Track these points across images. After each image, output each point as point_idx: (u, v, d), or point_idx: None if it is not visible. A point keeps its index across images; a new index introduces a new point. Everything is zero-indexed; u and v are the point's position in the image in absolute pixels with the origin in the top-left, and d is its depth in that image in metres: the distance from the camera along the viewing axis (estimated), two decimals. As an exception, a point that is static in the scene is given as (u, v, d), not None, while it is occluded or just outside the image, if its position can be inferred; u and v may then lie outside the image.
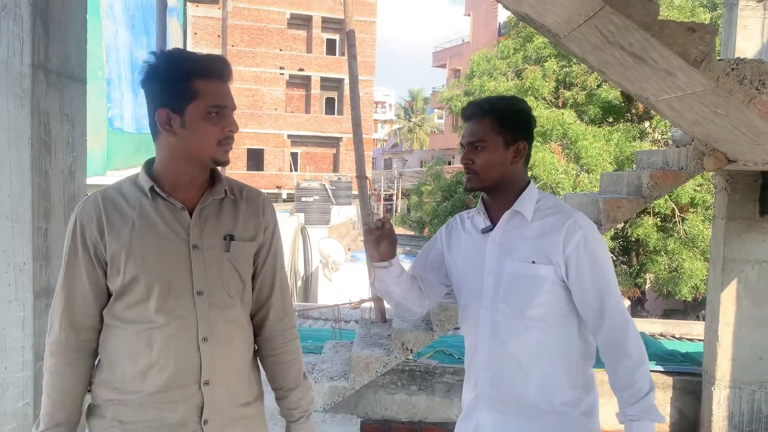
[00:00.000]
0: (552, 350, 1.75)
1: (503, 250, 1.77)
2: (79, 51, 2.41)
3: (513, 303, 1.74)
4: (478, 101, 1.83)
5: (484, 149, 1.76)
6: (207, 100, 1.45)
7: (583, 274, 1.70)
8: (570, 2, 2.80)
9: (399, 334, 4.09)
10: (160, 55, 1.49)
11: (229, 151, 1.54)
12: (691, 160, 3.86)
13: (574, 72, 13.60)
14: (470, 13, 39.28)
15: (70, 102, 2.33)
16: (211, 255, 1.53)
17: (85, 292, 1.50)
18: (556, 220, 1.73)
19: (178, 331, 1.49)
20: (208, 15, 32.12)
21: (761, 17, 4.24)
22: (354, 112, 4.98)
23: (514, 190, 1.80)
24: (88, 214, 1.49)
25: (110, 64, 11.31)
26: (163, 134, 1.48)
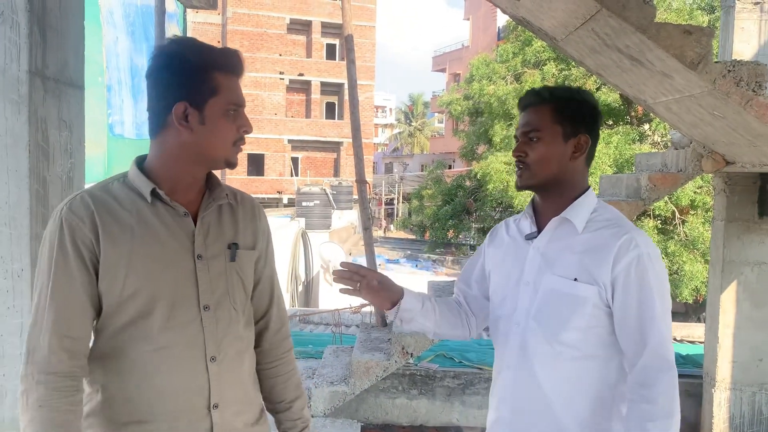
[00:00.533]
0: (585, 385, 1.52)
1: (545, 261, 1.56)
2: (77, 57, 2.42)
3: (546, 323, 1.53)
4: (538, 88, 1.61)
5: (540, 140, 1.54)
6: (227, 97, 1.33)
7: (630, 300, 1.47)
8: (566, 5, 2.81)
9: (399, 338, 4.09)
10: (181, 42, 1.35)
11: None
12: (689, 162, 3.86)
13: (573, 75, 13.62)
14: (469, 17, 39.38)
15: (68, 108, 2.33)
16: (216, 265, 1.40)
17: (82, 308, 1.30)
18: (610, 235, 1.50)
19: (184, 352, 1.35)
20: (207, 21, 32.24)
21: (758, 19, 4.25)
22: (353, 117, 5.00)
23: (569, 194, 1.57)
24: (78, 216, 1.30)
25: (110, 70, 11.34)
26: (172, 130, 1.33)
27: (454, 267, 21.56)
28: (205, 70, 1.32)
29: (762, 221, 4.56)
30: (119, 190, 1.36)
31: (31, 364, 1.28)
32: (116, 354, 1.33)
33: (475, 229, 19.05)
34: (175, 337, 1.34)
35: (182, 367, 1.35)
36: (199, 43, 1.36)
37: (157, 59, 1.33)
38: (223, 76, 1.33)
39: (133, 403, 1.33)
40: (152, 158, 1.38)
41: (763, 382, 4.62)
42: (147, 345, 1.33)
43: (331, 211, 20.64)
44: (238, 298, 1.44)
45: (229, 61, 1.35)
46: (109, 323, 1.33)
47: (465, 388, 4.94)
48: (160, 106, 1.33)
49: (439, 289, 4.69)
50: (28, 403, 1.27)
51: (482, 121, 16.34)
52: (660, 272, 1.50)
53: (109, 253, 1.30)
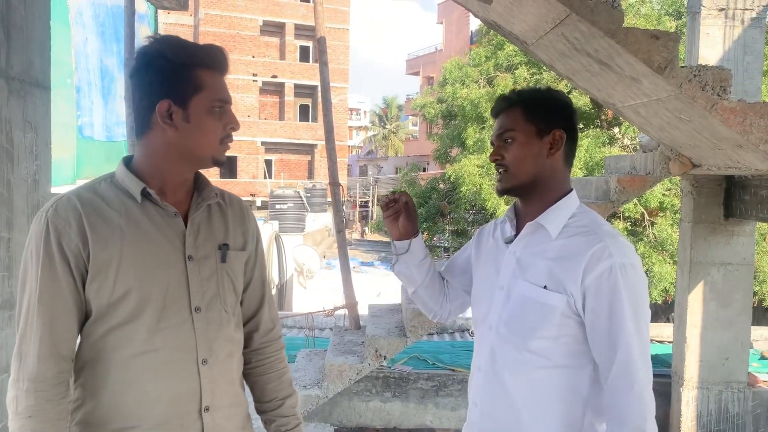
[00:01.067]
0: (554, 395, 1.48)
1: (519, 266, 1.54)
2: (43, 58, 2.37)
3: (515, 329, 1.51)
4: (507, 94, 1.60)
5: (515, 141, 1.53)
6: (211, 93, 1.32)
7: (600, 311, 1.41)
8: (536, 10, 2.84)
9: (373, 341, 4.09)
10: (163, 40, 1.32)
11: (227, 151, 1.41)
12: (657, 165, 3.93)
13: (544, 79, 13.77)
14: (443, 21, 39.59)
15: (33, 109, 2.28)
16: (207, 266, 1.38)
17: (69, 313, 1.28)
18: (583, 243, 1.45)
19: (175, 354, 1.33)
20: (179, 22, 31.88)
21: (722, 25, 4.35)
22: (326, 119, 4.98)
23: (550, 197, 1.54)
24: (64, 219, 1.27)
25: (80, 71, 11.16)
26: (157, 129, 1.31)
27: (428, 269, 21.61)
28: (188, 68, 1.30)
29: (727, 223, 4.66)
30: (107, 190, 1.34)
31: (20, 371, 1.25)
32: (104, 358, 1.31)
33: (449, 231, 19.14)
34: (166, 339, 1.32)
35: (173, 370, 1.33)
36: (182, 40, 1.34)
37: (140, 58, 1.32)
38: (207, 73, 1.32)
39: (121, 408, 1.31)
40: (139, 158, 1.37)
41: (729, 381, 4.72)
42: (137, 348, 1.30)
43: (305, 213, 20.56)
44: (228, 300, 1.43)
45: (213, 58, 1.33)
46: (98, 326, 1.31)
47: (438, 390, 4.96)
48: (144, 105, 1.32)
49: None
50: (17, 410, 1.25)
51: (455, 124, 16.43)
52: (635, 283, 1.42)
53: (99, 255, 1.27)
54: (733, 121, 2.83)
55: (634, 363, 1.39)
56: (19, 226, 2.20)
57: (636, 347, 1.40)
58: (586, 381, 1.48)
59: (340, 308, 5.30)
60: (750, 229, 4.71)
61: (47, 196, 2.42)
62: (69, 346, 1.29)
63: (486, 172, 13.94)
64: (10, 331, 2.15)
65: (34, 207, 2.30)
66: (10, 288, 2.16)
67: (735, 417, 4.74)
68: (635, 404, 1.38)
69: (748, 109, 2.82)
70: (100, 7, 11.23)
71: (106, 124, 11.57)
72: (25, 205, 2.24)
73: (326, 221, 24.36)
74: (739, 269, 4.67)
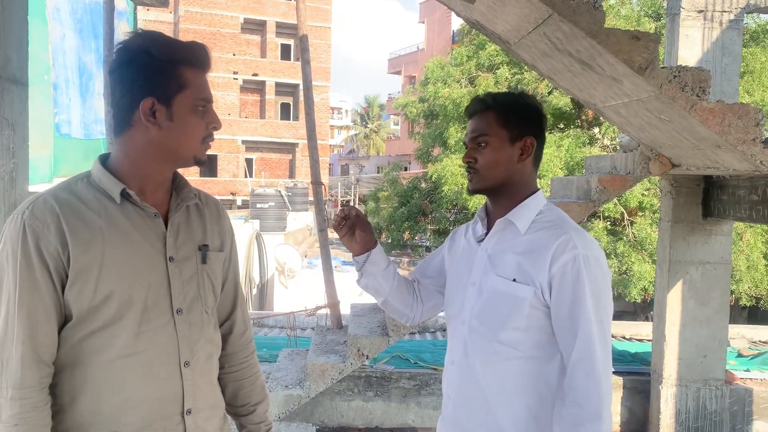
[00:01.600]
0: (524, 385, 1.54)
1: (491, 262, 1.60)
2: (20, 54, 2.32)
3: (487, 321, 1.57)
4: (482, 96, 1.65)
5: (488, 145, 1.59)
6: (195, 92, 1.29)
7: (563, 300, 1.48)
8: (519, 10, 2.85)
9: (355, 341, 4.08)
10: (146, 36, 1.29)
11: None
12: (637, 164, 3.97)
13: (525, 79, 13.85)
14: (424, 20, 39.68)
15: (10, 106, 2.24)
16: (188, 268, 1.36)
17: (49, 318, 1.24)
18: (549, 236, 1.53)
19: (158, 357, 1.31)
20: (159, 19, 31.58)
21: (701, 27, 4.40)
22: (308, 118, 4.96)
23: (518, 196, 1.61)
24: (41, 221, 1.23)
25: (57, 68, 11.02)
26: (139, 127, 1.28)
27: (410, 268, 21.65)
28: (173, 65, 1.28)
29: (706, 222, 4.73)
30: (84, 190, 1.30)
31: (2, 379, 1.22)
32: (84, 362, 1.28)
33: (430, 230, 19.17)
34: (148, 342, 1.30)
35: (155, 373, 1.31)
36: (165, 36, 1.32)
37: (121, 54, 1.28)
38: (191, 70, 1.30)
39: (102, 412, 1.28)
40: (118, 157, 1.33)
41: (708, 378, 4.79)
42: (118, 351, 1.28)
43: (286, 212, 20.47)
44: (209, 301, 1.42)
45: (197, 56, 1.31)
46: (78, 330, 1.27)
47: (420, 389, 4.97)
48: (125, 102, 1.28)
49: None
50: (1, 419, 1.21)
51: (437, 123, 16.47)
52: (597, 274, 1.50)
53: (79, 258, 1.24)
54: (712, 121, 2.86)
55: (593, 349, 1.46)
56: (-4, 225, 2.15)
57: (596, 335, 1.47)
58: (555, 372, 1.54)
59: (322, 307, 5.28)
60: (728, 229, 4.78)
61: (25, 195, 2.38)
62: (50, 351, 1.26)
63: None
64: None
65: (11, 206, 2.25)
66: (-14, 288, 2.12)
67: (713, 414, 4.81)
68: (593, 389, 1.45)
69: (726, 109, 2.86)
70: (77, 2, 11.08)
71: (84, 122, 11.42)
72: (2, 204, 2.20)
73: (307, 220, 24.28)
74: (717, 268, 4.74)
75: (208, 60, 1.33)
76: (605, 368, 1.48)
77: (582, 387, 1.45)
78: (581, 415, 1.44)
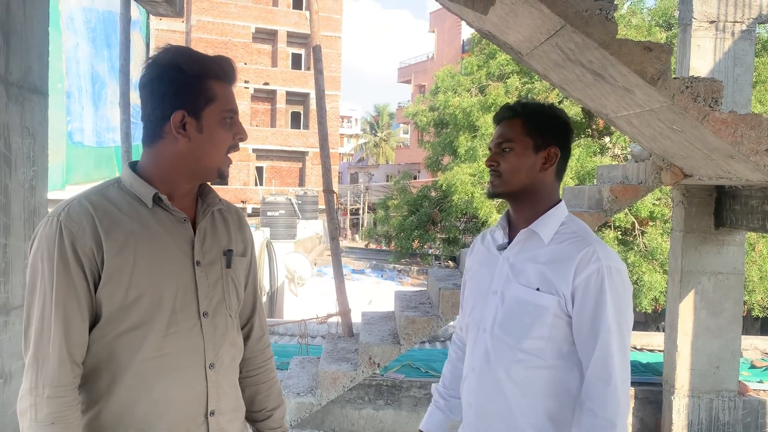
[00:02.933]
0: (545, 393, 1.56)
1: (513, 271, 1.62)
2: (41, 64, 2.37)
3: (510, 330, 1.59)
4: (511, 104, 1.68)
5: (512, 151, 1.62)
6: (222, 104, 1.34)
7: (585, 310, 1.51)
8: (532, 21, 2.87)
9: (366, 349, 4.09)
10: (176, 51, 1.33)
11: None
12: (649, 174, 3.97)
13: (536, 89, 13.86)
14: (435, 29, 39.77)
15: (31, 115, 2.28)
16: (213, 272, 1.40)
17: (83, 318, 1.27)
18: (573, 248, 1.55)
19: (184, 359, 1.34)
20: (171, 28, 31.86)
21: (713, 37, 4.41)
22: (321, 127, 5.00)
23: (540, 206, 1.63)
24: (77, 223, 1.26)
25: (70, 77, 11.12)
26: (169, 138, 1.32)
27: (419, 277, 21.61)
28: (201, 79, 1.32)
29: (718, 232, 4.71)
30: (116, 195, 1.34)
31: (39, 378, 1.23)
32: (113, 363, 1.30)
33: (440, 239, 19.15)
34: (176, 344, 1.33)
35: (182, 374, 1.34)
36: (194, 51, 1.36)
37: (153, 69, 1.32)
38: (219, 84, 1.34)
39: (130, 413, 1.30)
40: (148, 164, 1.37)
41: (720, 389, 4.76)
42: (147, 353, 1.30)
43: (296, 221, 20.52)
44: (233, 305, 1.45)
45: (224, 69, 1.35)
46: (107, 331, 1.29)
47: (431, 398, 4.96)
48: (156, 115, 1.33)
49: (405, 299, 4.70)
50: (37, 418, 1.22)
51: (447, 132, 16.48)
52: (619, 286, 1.52)
53: (113, 259, 1.27)
54: (724, 131, 2.87)
55: (611, 360, 1.49)
56: (16, 232, 2.19)
57: (615, 346, 1.50)
58: (576, 380, 1.56)
59: (334, 315, 5.29)
60: (740, 239, 4.76)
61: (43, 202, 2.42)
62: (81, 352, 1.28)
63: (478, 181, 13.97)
64: (5, 336, 2.14)
65: (30, 212, 2.29)
66: (6, 294, 2.15)
67: (725, 426, 4.77)
68: (610, 399, 1.47)
69: (739, 120, 2.86)
70: (91, 12, 11.21)
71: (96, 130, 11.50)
72: (22, 210, 2.24)
73: (317, 228, 24.33)
74: (729, 278, 4.72)
75: (233, 73, 1.37)
76: (623, 379, 1.50)
77: (599, 396, 1.48)
78: (597, 423, 1.47)
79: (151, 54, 1.34)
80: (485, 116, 14.27)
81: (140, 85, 1.35)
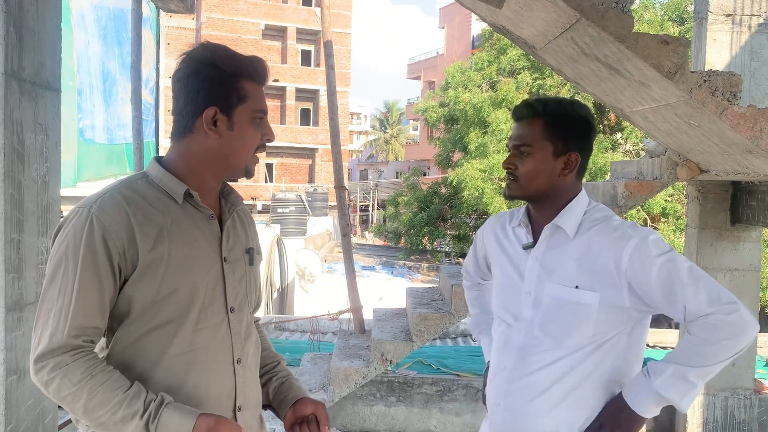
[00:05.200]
0: (582, 376, 1.52)
1: (544, 269, 1.57)
2: (54, 60, 2.37)
3: (552, 331, 1.54)
4: (531, 100, 1.61)
5: (530, 155, 1.56)
6: (254, 104, 1.36)
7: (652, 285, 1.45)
8: (546, 14, 2.84)
9: (378, 345, 4.08)
10: (213, 48, 1.36)
11: None
12: (664, 170, 3.92)
13: (547, 84, 13.79)
14: (444, 25, 39.65)
15: (44, 111, 2.28)
16: (238, 269, 1.43)
17: (102, 309, 1.26)
18: (602, 238, 1.51)
19: (215, 354, 1.35)
20: (181, 25, 31.96)
21: (730, 31, 4.35)
22: (332, 123, 4.98)
23: (560, 203, 1.58)
24: (110, 216, 1.25)
25: (81, 74, 11.20)
26: (199, 134, 1.34)
27: (429, 273, 21.59)
28: (236, 78, 1.34)
29: (734, 228, 4.65)
30: (146, 189, 1.34)
31: (59, 355, 1.22)
32: (144, 358, 1.30)
33: (450, 236, 19.13)
34: (205, 339, 1.34)
35: (212, 370, 1.35)
36: (229, 50, 1.38)
37: (188, 64, 1.34)
38: (251, 84, 1.36)
39: None
40: (176, 160, 1.38)
41: (736, 387, 4.71)
42: (177, 348, 1.31)
43: (306, 217, 20.54)
44: (253, 301, 1.49)
45: (257, 70, 1.37)
46: (139, 326, 1.29)
47: (443, 395, 4.94)
48: (189, 110, 1.34)
49: (417, 295, 4.68)
50: (74, 381, 1.21)
51: (457, 128, 16.45)
52: (661, 247, 1.47)
53: (147, 254, 1.27)
54: (743, 126, 2.82)
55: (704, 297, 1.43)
56: (29, 228, 2.19)
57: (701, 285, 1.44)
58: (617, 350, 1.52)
59: (346, 312, 5.29)
60: (756, 235, 4.70)
61: (56, 198, 2.41)
62: (95, 338, 1.28)
63: (488, 177, 13.92)
64: (19, 333, 2.14)
65: (43, 209, 2.29)
66: (20, 290, 2.15)
67: (741, 424, 4.72)
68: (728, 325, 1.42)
69: (758, 114, 2.81)
70: (102, 10, 11.25)
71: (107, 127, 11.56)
72: (35, 207, 2.24)
73: (327, 225, 24.35)
74: (745, 275, 4.66)
75: (266, 74, 1.39)
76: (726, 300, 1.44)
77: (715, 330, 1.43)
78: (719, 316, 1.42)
79: (186, 49, 1.35)
80: (496, 112, 14.21)
81: (174, 79, 1.37)
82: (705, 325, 1.43)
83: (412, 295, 4.66)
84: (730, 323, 1.42)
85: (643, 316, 1.54)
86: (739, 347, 1.44)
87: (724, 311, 1.42)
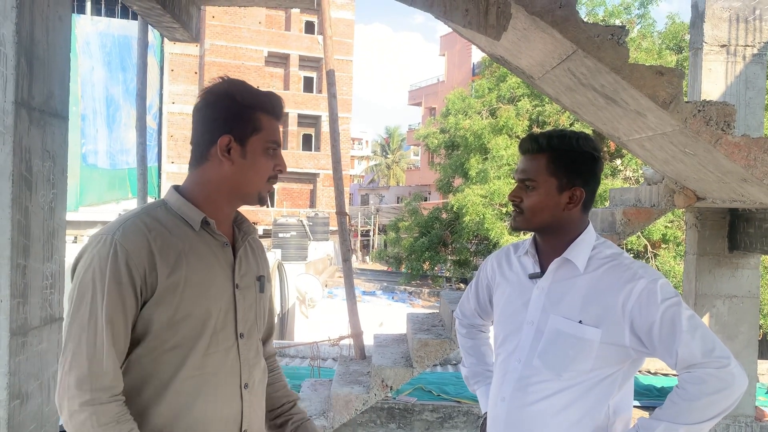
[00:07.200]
0: (586, 409, 1.54)
1: (549, 301, 1.58)
2: (63, 89, 2.43)
3: (551, 362, 1.55)
4: (537, 135, 1.61)
5: (535, 189, 1.58)
6: (268, 135, 1.42)
7: (653, 328, 1.46)
8: (544, 46, 2.91)
9: (379, 371, 4.08)
10: (232, 82, 1.43)
11: None
12: (662, 197, 3.96)
13: (546, 111, 13.91)
14: (445, 53, 40.09)
15: (51, 139, 2.33)
16: (249, 296, 1.47)
17: (127, 334, 1.30)
18: (612, 276, 1.52)
19: (224, 378, 1.39)
20: (185, 52, 32.30)
21: (725, 61, 4.42)
22: (334, 149, 5.04)
23: (568, 236, 1.60)
24: (133, 242, 1.30)
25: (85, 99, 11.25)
26: (214, 161, 1.40)
27: (430, 299, 21.52)
28: (251, 110, 1.41)
29: (732, 255, 4.68)
30: (165, 217, 1.39)
31: (97, 391, 1.25)
32: (156, 379, 1.33)
33: (451, 261, 19.10)
34: (215, 363, 1.38)
35: (220, 393, 1.39)
36: (247, 84, 1.45)
37: (207, 97, 1.41)
38: (266, 117, 1.43)
39: (169, 431, 1.33)
40: (193, 188, 1.43)
41: (737, 415, 4.69)
42: (188, 371, 1.34)
43: (307, 242, 20.55)
44: (261, 328, 1.53)
45: (273, 105, 1.44)
46: (154, 347, 1.33)
47: (443, 422, 4.92)
48: (205, 139, 1.41)
49: (418, 321, 4.69)
50: (100, 422, 1.24)
51: (458, 154, 16.54)
52: (669, 291, 1.48)
53: (167, 279, 1.32)
54: (737, 155, 2.87)
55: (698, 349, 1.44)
56: (35, 254, 2.22)
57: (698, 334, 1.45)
58: (615, 387, 1.54)
59: (346, 337, 5.28)
60: (755, 262, 4.72)
61: (62, 224, 2.45)
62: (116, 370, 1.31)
63: (489, 202, 13.96)
64: (23, 357, 2.16)
65: (49, 234, 2.32)
66: (25, 314, 2.17)
67: (743, 452, 4.69)
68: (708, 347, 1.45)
69: (752, 143, 2.86)
70: (107, 37, 11.37)
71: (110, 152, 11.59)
72: (41, 232, 2.27)
73: (328, 250, 24.34)
74: (744, 302, 4.67)
75: (281, 110, 1.47)
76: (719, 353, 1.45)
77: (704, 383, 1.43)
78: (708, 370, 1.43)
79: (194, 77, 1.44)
80: (496, 138, 14.30)
81: (194, 110, 1.43)
82: (693, 378, 1.45)
83: (412, 321, 4.67)
84: (718, 378, 1.43)
85: (639, 356, 1.56)
86: (727, 404, 1.44)
87: (714, 364, 1.44)
